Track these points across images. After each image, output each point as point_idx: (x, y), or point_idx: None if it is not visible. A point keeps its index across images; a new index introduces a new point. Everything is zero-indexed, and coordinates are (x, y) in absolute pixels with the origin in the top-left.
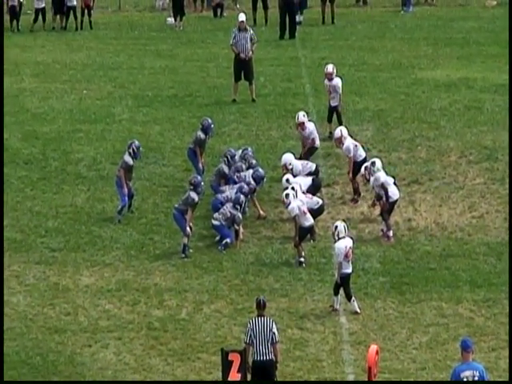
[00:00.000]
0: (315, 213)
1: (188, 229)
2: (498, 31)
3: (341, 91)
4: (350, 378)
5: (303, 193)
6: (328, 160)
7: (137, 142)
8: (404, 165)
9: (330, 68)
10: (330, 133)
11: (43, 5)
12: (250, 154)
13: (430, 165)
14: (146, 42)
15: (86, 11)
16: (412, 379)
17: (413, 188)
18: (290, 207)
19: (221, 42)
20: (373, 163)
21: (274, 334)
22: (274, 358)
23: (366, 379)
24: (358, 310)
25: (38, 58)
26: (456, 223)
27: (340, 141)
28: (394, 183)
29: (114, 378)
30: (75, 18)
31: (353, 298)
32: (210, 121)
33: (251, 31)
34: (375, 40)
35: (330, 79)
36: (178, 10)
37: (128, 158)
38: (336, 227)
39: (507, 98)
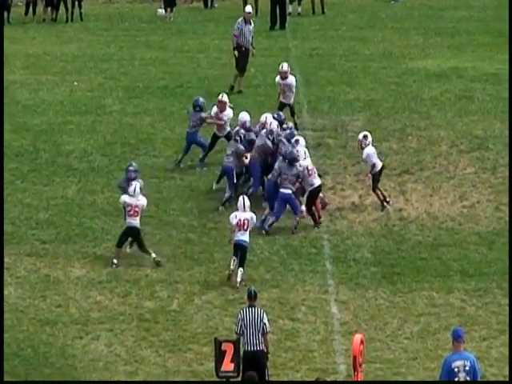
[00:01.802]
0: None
1: None
2: (488, 20)
3: (294, 89)
4: (341, 368)
5: None
6: (319, 150)
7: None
8: (395, 155)
9: (285, 67)
10: (296, 124)
11: None
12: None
13: (420, 154)
14: (136, 34)
15: (76, 3)
16: (403, 369)
17: (404, 178)
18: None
19: (211, 32)
20: (365, 136)
21: (265, 324)
22: (264, 348)
23: (352, 369)
24: None
25: (28, 50)
26: (447, 213)
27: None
28: None
29: (106, 370)
30: (66, 9)
31: None
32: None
33: (252, 24)
34: (366, 30)
35: (285, 78)
36: (169, 0)
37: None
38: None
39: (498, 87)
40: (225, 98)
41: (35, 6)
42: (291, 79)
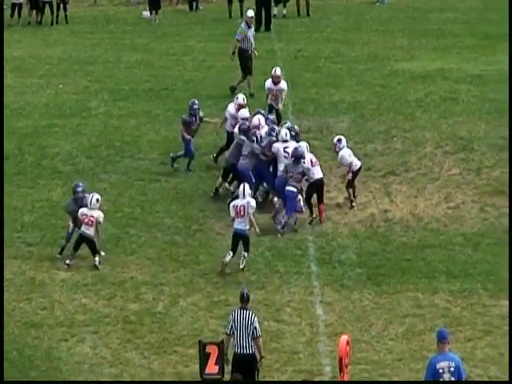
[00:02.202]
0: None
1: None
2: (473, 22)
3: (284, 95)
4: (327, 369)
5: None
6: None
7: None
8: (380, 156)
9: (277, 71)
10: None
11: (21, 0)
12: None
13: (405, 156)
14: (121, 36)
15: (61, 6)
16: (388, 370)
17: (389, 179)
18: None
19: (197, 35)
20: (339, 140)
21: (255, 328)
22: (256, 352)
23: (338, 370)
24: None
25: (14, 53)
26: (432, 214)
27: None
28: None
29: (91, 372)
30: (51, 12)
31: None
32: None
33: (253, 28)
34: (351, 32)
35: (277, 82)
36: (154, 3)
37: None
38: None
39: (483, 88)
40: (243, 100)
41: (20, 8)
42: (283, 84)
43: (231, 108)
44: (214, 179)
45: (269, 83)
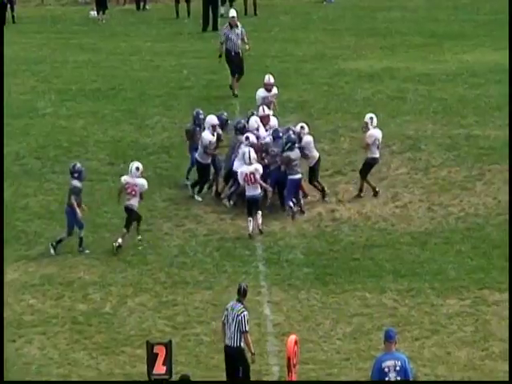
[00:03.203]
0: None
1: None
2: (421, 21)
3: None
4: (275, 369)
5: None
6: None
7: (78, 165)
8: (327, 155)
9: (271, 79)
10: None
11: None
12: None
13: (353, 155)
14: (69, 36)
15: (8, 5)
16: (336, 370)
17: (336, 179)
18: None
19: (144, 34)
20: (302, 127)
21: (241, 322)
22: (241, 346)
23: (286, 370)
24: None
25: None
26: (379, 213)
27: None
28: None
29: (39, 373)
30: None
31: None
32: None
33: (241, 27)
34: (298, 31)
35: (270, 90)
36: (101, 3)
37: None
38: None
39: (430, 87)
40: (266, 111)
41: None
42: (275, 89)
43: (206, 135)
44: (161, 178)
45: (262, 92)
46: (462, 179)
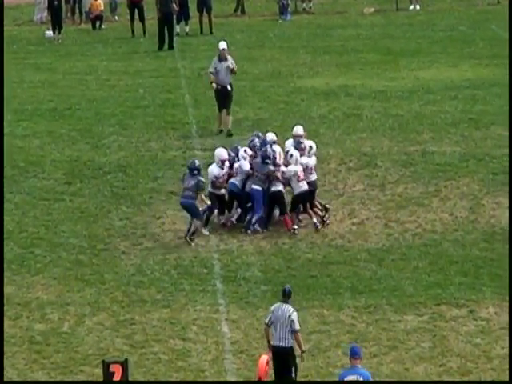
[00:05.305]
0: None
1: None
2: (376, 38)
3: None
4: None
5: None
6: None
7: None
8: None
9: (300, 130)
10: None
11: None
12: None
13: None
14: (25, 56)
15: None
16: None
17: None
18: (288, 168)
19: (100, 54)
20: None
21: (293, 321)
22: (293, 345)
23: None
24: None
25: None
26: (336, 230)
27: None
28: None
29: None
30: None
31: None
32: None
33: (231, 59)
34: (254, 49)
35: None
36: (57, 22)
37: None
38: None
39: (386, 104)
40: (274, 136)
41: None
42: (308, 143)
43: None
44: (118, 197)
45: (291, 142)
46: (418, 195)
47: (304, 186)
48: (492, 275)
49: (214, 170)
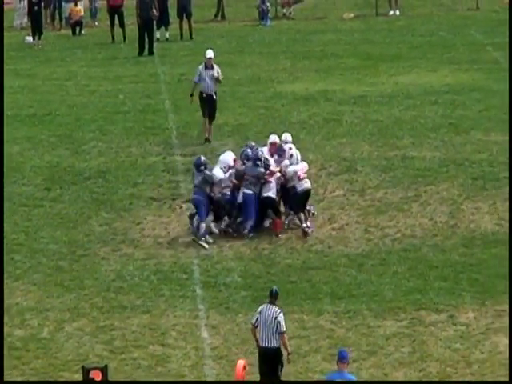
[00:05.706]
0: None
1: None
2: (355, 43)
3: None
4: None
5: None
6: (188, 176)
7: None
8: None
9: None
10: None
11: None
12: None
13: None
14: (5, 62)
15: None
16: None
17: None
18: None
19: (79, 59)
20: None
21: (279, 323)
22: (279, 346)
23: None
24: None
25: None
26: (316, 235)
27: None
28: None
29: None
30: None
31: None
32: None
33: (217, 68)
34: (234, 55)
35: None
36: (37, 28)
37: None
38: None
39: (366, 109)
40: (277, 139)
41: None
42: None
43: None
44: (98, 203)
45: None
46: (398, 200)
47: (307, 184)
48: (471, 280)
49: (219, 173)
